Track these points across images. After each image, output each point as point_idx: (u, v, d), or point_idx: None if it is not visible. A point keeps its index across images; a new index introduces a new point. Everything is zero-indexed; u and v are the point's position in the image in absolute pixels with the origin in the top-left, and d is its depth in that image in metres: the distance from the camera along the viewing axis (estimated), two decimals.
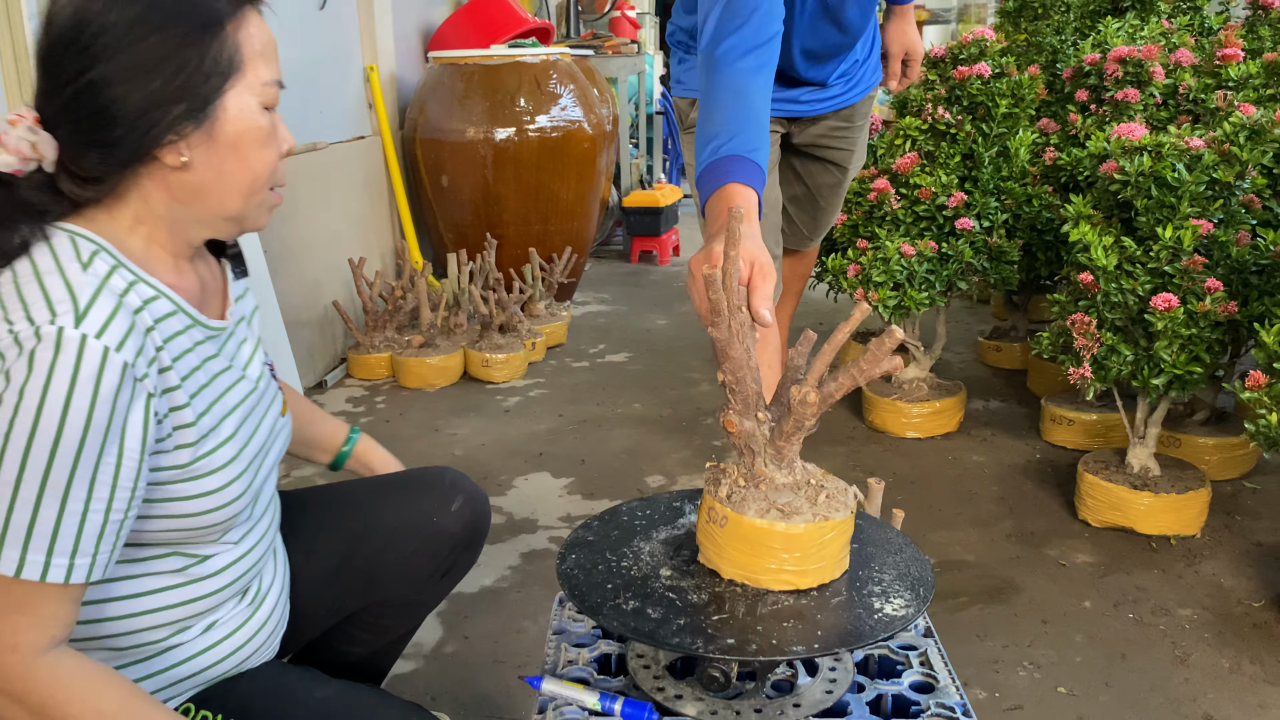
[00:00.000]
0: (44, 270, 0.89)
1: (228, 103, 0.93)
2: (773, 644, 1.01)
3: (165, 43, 0.90)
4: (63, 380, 0.83)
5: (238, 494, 1.01)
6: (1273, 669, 1.74)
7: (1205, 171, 1.95)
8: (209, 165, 0.94)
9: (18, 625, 0.86)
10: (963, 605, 1.96)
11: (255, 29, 0.96)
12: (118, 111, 0.89)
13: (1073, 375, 2.09)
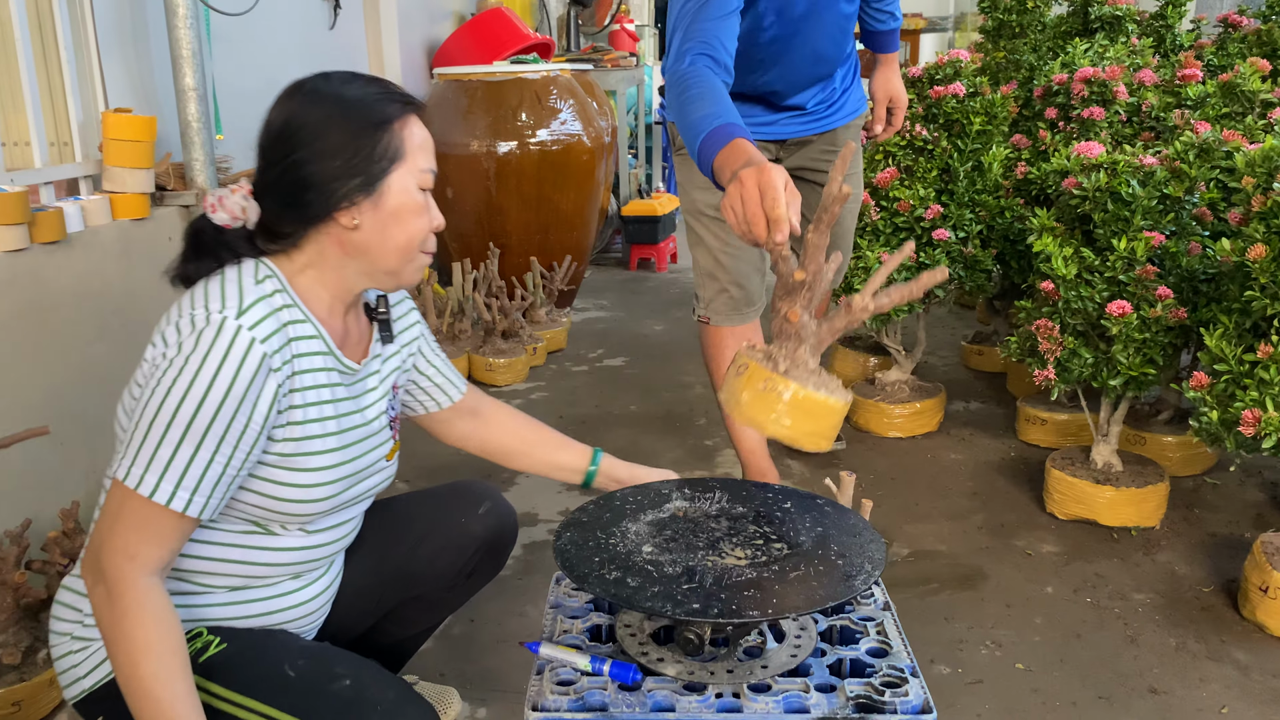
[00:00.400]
0: (227, 279, 1.18)
1: (392, 182, 1.21)
2: (733, 609, 1.15)
3: (347, 134, 1.19)
4: (217, 355, 1.11)
5: (318, 498, 1.25)
6: (1215, 647, 1.89)
7: (1157, 187, 2.10)
8: (374, 228, 1.22)
9: (142, 539, 1.11)
10: (933, 591, 2.10)
11: (416, 129, 1.24)
12: (310, 182, 1.19)
13: (1038, 377, 2.24)
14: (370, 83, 1.25)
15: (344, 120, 1.20)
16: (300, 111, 1.22)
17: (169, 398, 1.10)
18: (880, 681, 1.25)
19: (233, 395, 1.11)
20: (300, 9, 3.29)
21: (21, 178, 2.08)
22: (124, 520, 1.11)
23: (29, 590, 1.74)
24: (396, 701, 1.18)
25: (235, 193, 1.23)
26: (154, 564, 1.12)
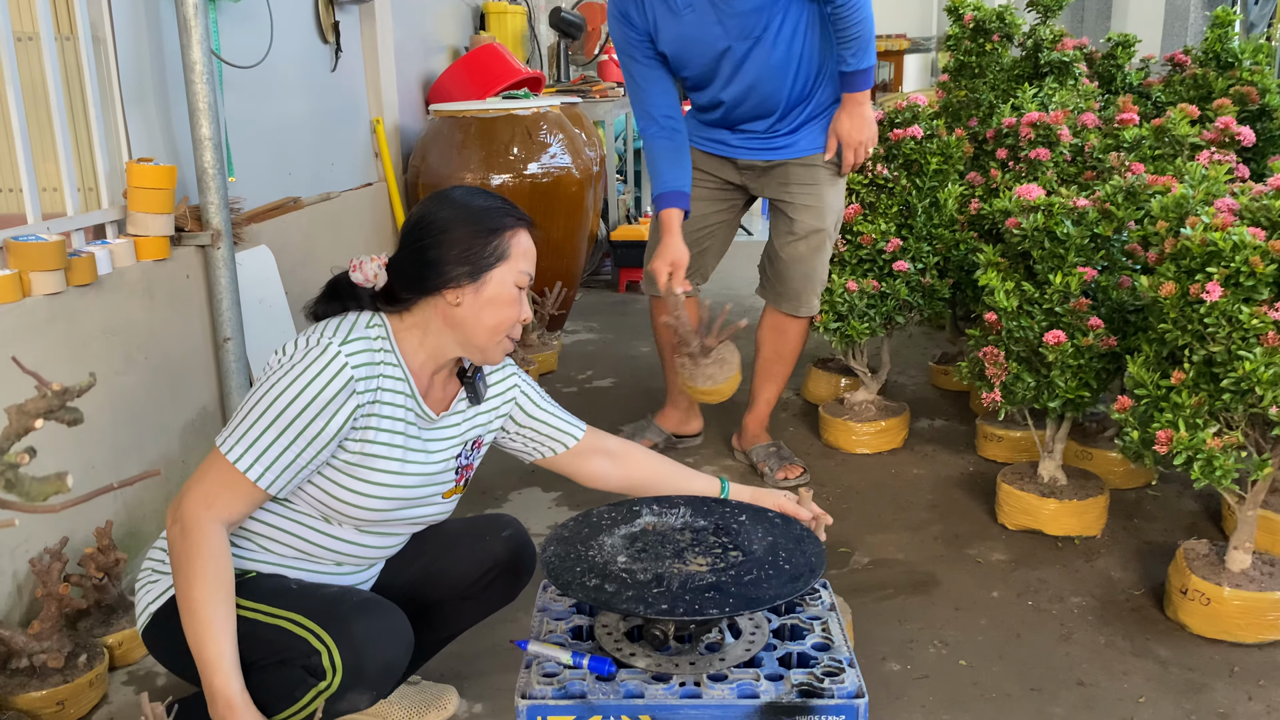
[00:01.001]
0: (345, 320, 1.53)
1: (493, 275, 1.52)
2: (695, 609, 1.36)
3: (468, 233, 1.51)
4: (316, 367, 1.43)
5: (371, 508, 1.53)
6: (1139, 644, 2.09)
7: (1089, 227, 2.31)
8: (472, 308, 1.52)
9: (219, 494, 1.41)
10: (889, 596, 2.30)
11: (524, 239, 1.56)
12: (431, 263, 1.51)
13: (986, 399, 2.45)
14: (494, 198, 1.58)
15: (468, 221, 1.52)
16: (436, 210, 1.54)
17: (270, 391, 1.42)
18: (821, 671, 1.45)
19: (318, 401, 1.42)
20: (304, 55, 3.50)
21: (56, 225, 2.28)
22: (210, 477, 1.42)
23: (70, 601, 1.94)
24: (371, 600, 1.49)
25: (374, 261, 1.54)
26: (224, 516, 1.41)
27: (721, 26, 2.49)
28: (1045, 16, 3.36)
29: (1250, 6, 5.85)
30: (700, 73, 2.60)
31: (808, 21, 2.53)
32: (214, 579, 1.38)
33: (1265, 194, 1.97)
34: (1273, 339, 1.83)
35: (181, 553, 1.39)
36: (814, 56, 2.58)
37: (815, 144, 2.67)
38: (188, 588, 1.37)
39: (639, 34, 2.58)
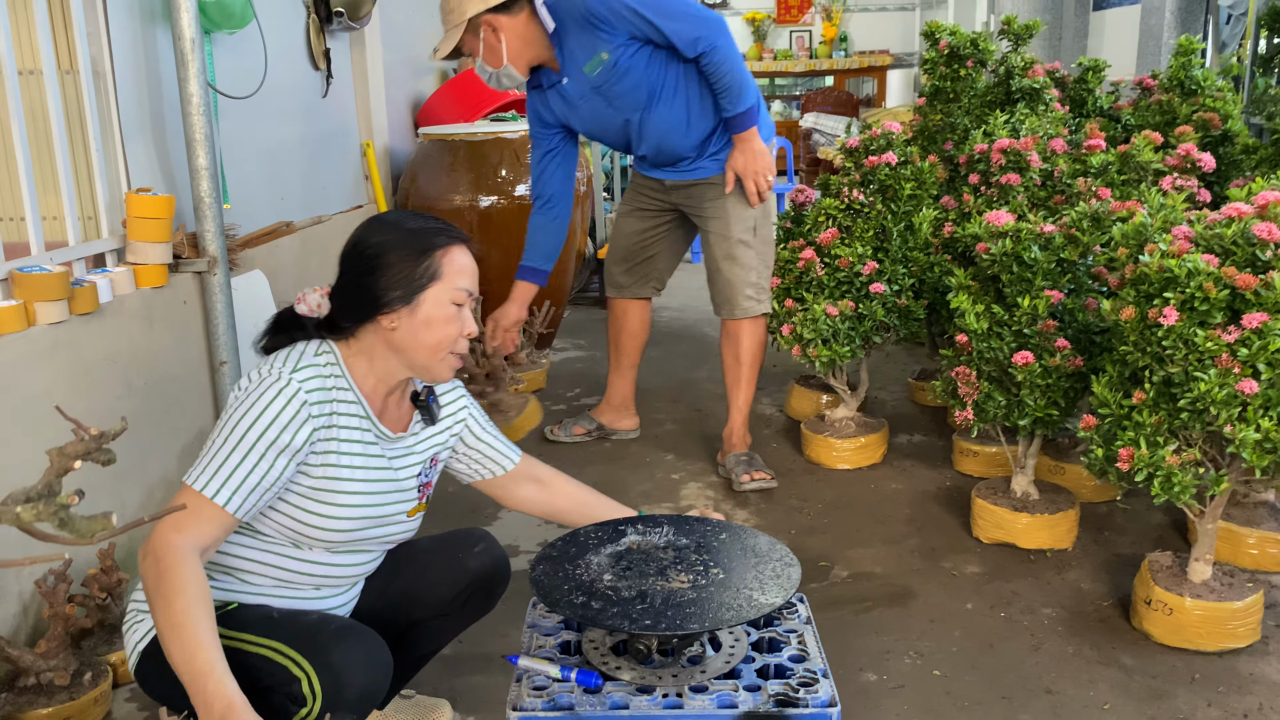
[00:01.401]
0: (295, 350, 1.58)
1: (427, 296, 1.56)
2: (676, 624, 1.44)
3: (398, 257, 1.56)
4: (271, 394, 1.49)
5: (339, 529, 1.58)
6: (1106, 652, 2.18)
7: (1055, 252, 2.41)
8: (408, 330, 1.57)
9: (190, 523, 1.43)
10: (867, 608, 2.39)
11: (458, 256, 1.60)
12: (365, 290, 1.56)
13: (959, 417, 2.54)
14: (428, 220, 1.63)
15: (397, 245, 1.57)
16: (367, 236, 1.61)
17: (229, 423, 1.48)
18: (797, 681, 1.53)
19: (276, 424, 1.47)
20: (296, 83, 3.59)
21: (58, 255, 2.36)
22: (177, 503, 1.42)
23: (76, 621, 2.00)
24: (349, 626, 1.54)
25: (317, 292, 1.60)
26: (194, 541, 1.43)
27: (613, 107, 2.90)
28: (1016, 44, 3.47)
29: (1222, 26, 5.99)
30: (616, 141, 3.06)
31: (686, 80, 2.86)
32: (193, 593, 1.38)
33: (1218, 222, 2.06)
34: (1226, 361, 1.93)
35: (156, 577, 1.38)
36: (704, 105, 2.91)
37: (718, 168, 3.00)
38: (167, 607, 1.36)
39: (549, 129, 3.04)
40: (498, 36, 2.80)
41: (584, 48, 2.80)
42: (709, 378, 4.15)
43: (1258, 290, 1.92)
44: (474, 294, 1.62)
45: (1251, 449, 1.92)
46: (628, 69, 2.80)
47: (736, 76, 2.79)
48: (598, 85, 2.84)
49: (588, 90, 2.87)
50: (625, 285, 3.35)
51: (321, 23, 3.73)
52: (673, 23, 2.73)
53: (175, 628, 1.36)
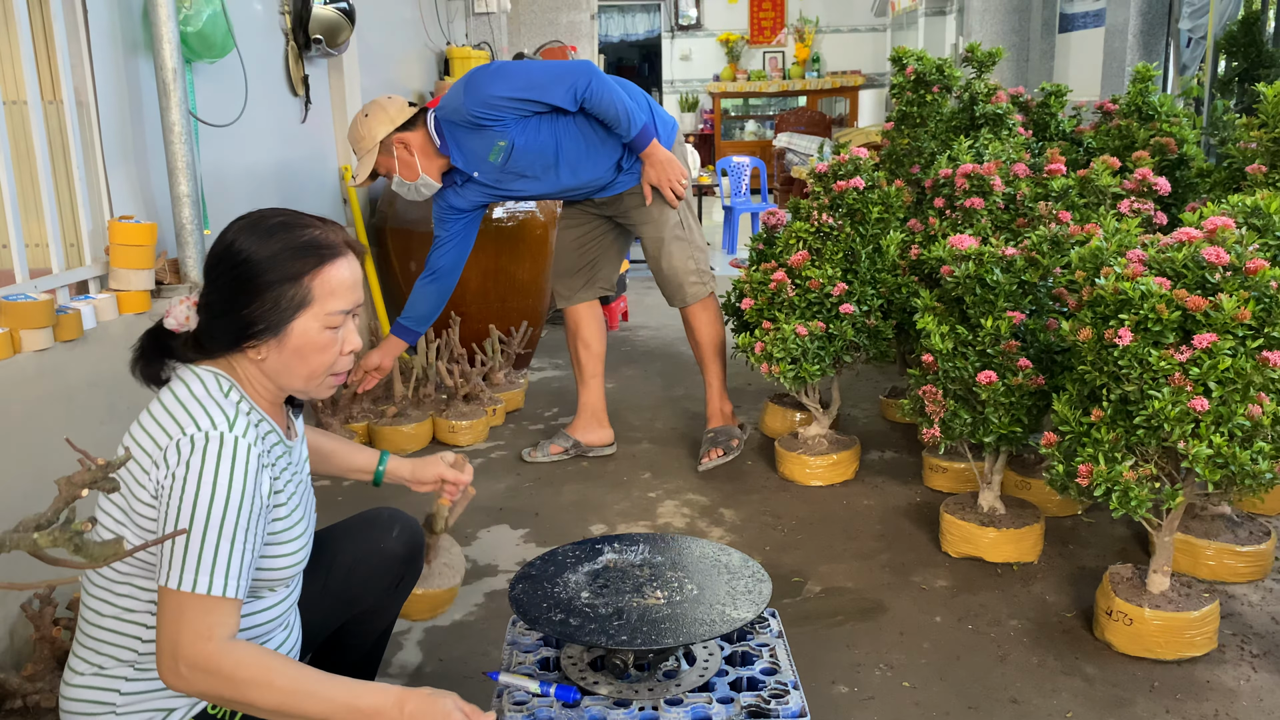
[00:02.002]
0: (199, 396, 1.41)
1: (295, 326, 1.43)
2: (651, 639, 1.49)
3: (257, 289, 1.42)
4: (226, 464, 1.34)
5: (303, 553, 1.53)
6: (1069, 662, 2.25)
7: (1016, 274, 2.49)
8: (278, 360, 1.45)
9: (209, 624, 1.32)
10: (839, 623, 2.45)
11: (331, 275, 1.45)
12: (225, 318, 1.43)
13: (926, 435, 2.61)
14: (301, 230, 1.44)
15: (263, 268, 1.41)
16: (233, 249, 1.43)
17: (197, 508, 1.32)
18: (768, 693, 1.59)
19: (246, 493, 1.35)
20: (275, 109, 3.64)
21: (42, 283, 2.39)
22: (190, 616, 1.32)
23: (62, 644, 2.03)
24: None
25: (183, 304, 1.46)
26: (226, 636, 1.34)
27: (530, 174, 3.15)
28: (980, 71, 3.57)
29: (1183, 50, 6.14)
30: (548, 191, 3.25)
31: (579, 124, 3.10)
32: (276, 665, 1.33)
33: (1170, 246, 2.15)
34: (1179, 380, 2.01)
35: (233, 688, 1.31)
36: (604, 135, 3.13)
37: (633, 180, 3.24)
38: (269, 693, 1.31)
39: (460, 214, 3.26)
40: (410, 151, 3.06)
41: (482, 143, 3.06)
42: (686, 395, 4.22)
43: (1207, 311, 2.00)
44: (354, 308, 1.48)
45: (1204, 464, 2.00)
46: (525, 144, 3.06)
47: (619, 107, 3.01)
48: (506, 167, 3.10)
49: (500, 174, 3.13)
50: (573, 292, 3.52)
51: (300, 50, 3.78)
52: (548, 90, 2.99)
53: (295, 698, 1.32)
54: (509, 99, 2.98)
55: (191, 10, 2.81)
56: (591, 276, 3.52)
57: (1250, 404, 1.98)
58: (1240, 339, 2.00)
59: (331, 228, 1.49)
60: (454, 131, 3.06)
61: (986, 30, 7.35)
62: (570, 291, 3.52)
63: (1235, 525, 2.62)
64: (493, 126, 3.01)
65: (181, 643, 1.31)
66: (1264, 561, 2.56)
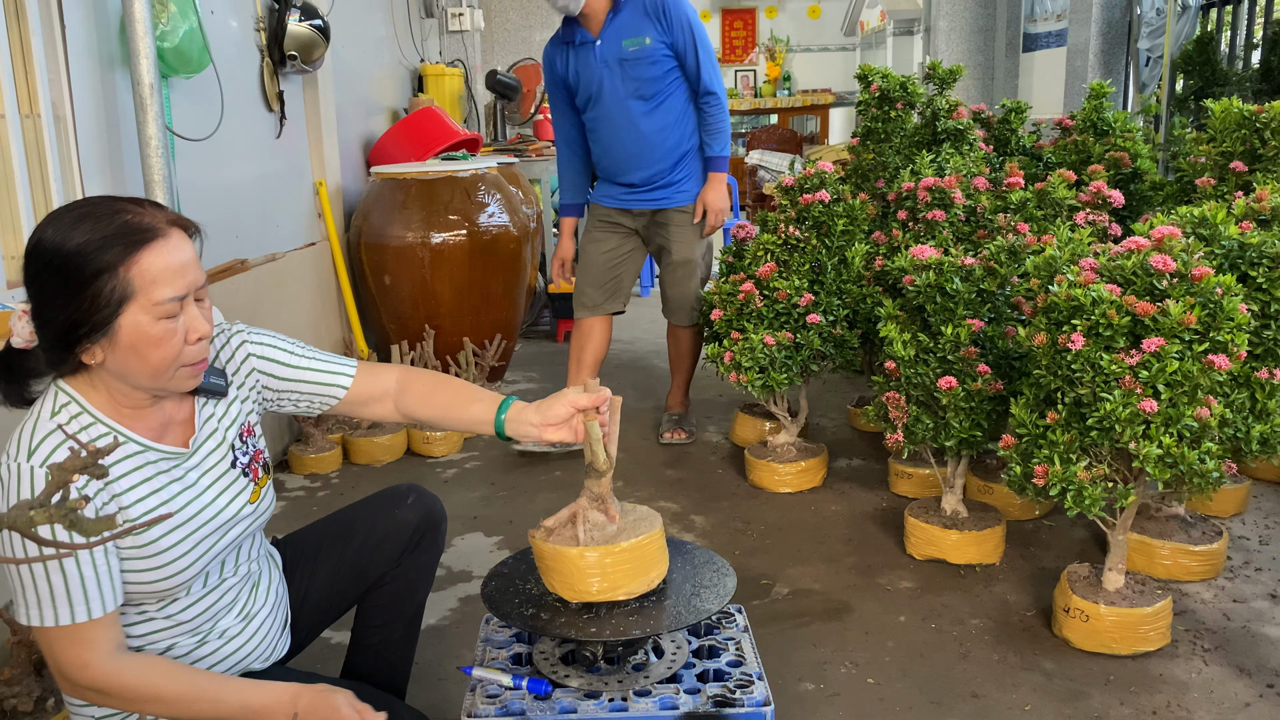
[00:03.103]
0: (28, 424, 1.35)
1: (123, 322, 1.30)
2: (619, 631, 1.54)
3: (69, 289, 1.29)
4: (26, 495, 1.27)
5: (183, 568, 1.43)
6: (1029, 658, 2.32)
7: (975, 283, 2.57)
8: (117, 361, 1.34)
9: (82, 649, 1.33)
10: (805, 623, 2.51)
11: (150, 261, 1.30)
12: (48, 329, 1.33)
13: (890, 440, 2.68)
14: (110, 218, 1.31)
15: (62, 277, 1.28)
16: (32, 264, 1.32)
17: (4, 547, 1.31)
18: (734, 684, 1.64)
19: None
20: (250, 125, 3.68)
21: (20, 294, 2.42)
22: (59, 647, 1.33)
23: (39, 648, 2.06)
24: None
25: (21, 319, 1.34)
26: (105, 655, 1.33)
27: (623, 85, 3.40)
28: (942, 88, 3.67)
29: (1141, 68, 6.30)
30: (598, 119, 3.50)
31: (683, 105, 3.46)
32: (162, 672, 1.36)
33: (1120, 255, 2.23)
34: (1129, 383, 2.09)
35: (128, 701, 1.34)
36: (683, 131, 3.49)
37: (684, 199, 3.57)
38: (158, 703, 1.34)
39: (557, 87, 3.57)
40: None
41: (633, 26, 3.33)
42: (657, 408, 4.27)
43: (1155, 316, 2.08)
44: (191, 291, 1.35)
45: (1154, 464, 2.08)
46: (655, 60, 3.33)
47: (725, 126, 3.48)
48: (625, 58, 3.35)
49: (613, 60, 3.37)
50: (598, 304, 3.72)
51: (275, 66, 3.83)
52: (707, 62, 3.38)
53: (187, 705, 1.36)
54: (690, 29, 3.32)
55: (168, 26, 2.85)
56: (615, 290, 3.73)
57: (1198, 406, 2.06)
58: (1187, 343, 2.08)
59: (149, 209, 1.35)
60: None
61: (953, 49, 7.49)
62: (595, 303, 3.71)
63: (1189, 526, 2.70)
64: (658, 24, 3.31)
65: (64, 673, 1.35)
66: (1216, 560, 2.65)
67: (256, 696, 1.40)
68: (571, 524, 1.65)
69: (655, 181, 3.52)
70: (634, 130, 3.43)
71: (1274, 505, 3.10)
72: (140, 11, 2.66)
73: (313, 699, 1.40)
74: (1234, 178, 2.87)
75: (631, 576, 1.59)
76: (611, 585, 1.58)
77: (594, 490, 1.64)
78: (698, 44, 3.35)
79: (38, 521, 0.74)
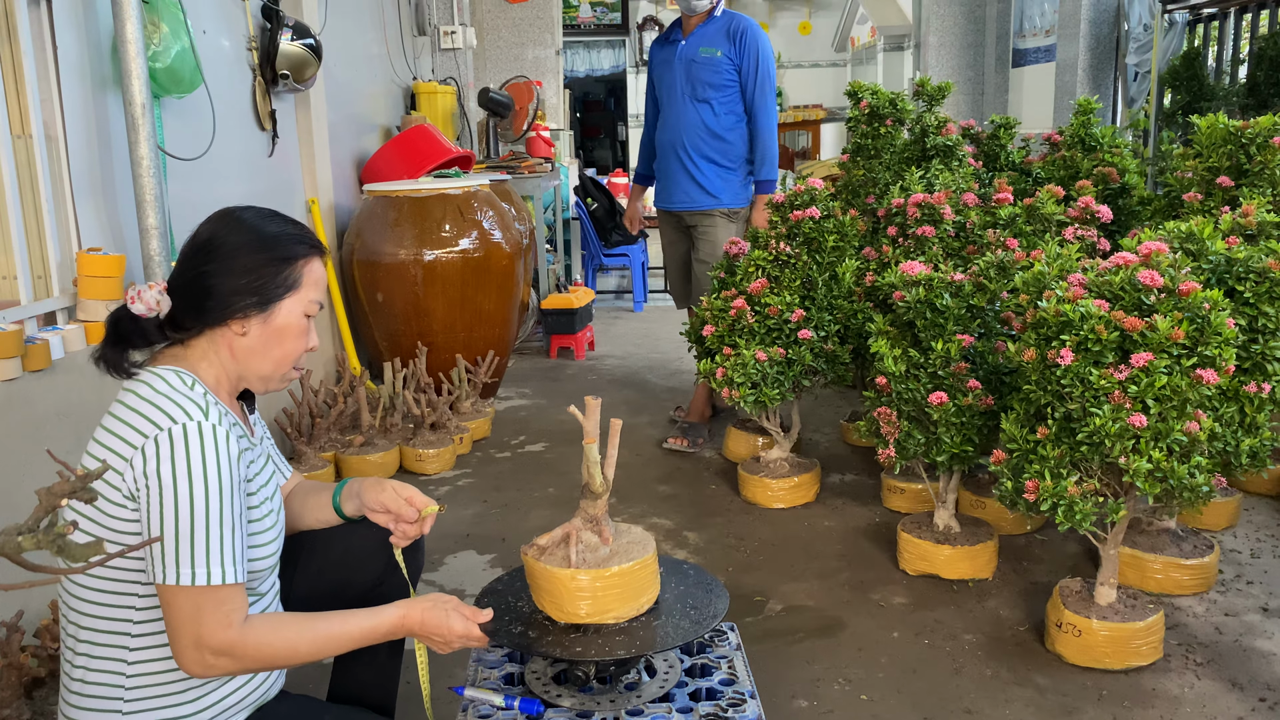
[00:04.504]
0: (165, 392, 1.42)
1: (283, 306, 1.49)
2: (607, 650, 1.54)
3: (256, 262, 1.47)
4: (210, 452, 1.37)
5: (276, 549, 1.54)
6: (1021, 674, 2.32)
7: (965, 299, 2.58)
8: (259, 339, 1.49)
9: (229, 612, 1.38)
10: (799, 639, 2.50)
11: (317, 268, 1.54)
12: (214, 292, 1.46)
13: (881, 455, 2.69)
14: (288, 223, 1.54)
15: (257, 248, 1.48)
16: (223, 234, 1.49)
17: (193, 501, 1.34)
18: (726, 702, 1.64)
19: (233, 479, 1.38)
20: (242, 143, 3.68)
21: (11, 314, 2.42)
22: (207, 610, 1.37)
23: (29, 670, 2.04)
24: None
25: (153, 289, 1.47)
26: (241, 619, 1.40)
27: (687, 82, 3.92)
28: (931, 104, 3.69)
29: (1130, 83, 6.34)
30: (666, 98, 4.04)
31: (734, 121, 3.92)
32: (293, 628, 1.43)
33: (1109, 270, 2.25)
34: (1118, 397, 2.09)
35: (264, 659, 1.40)
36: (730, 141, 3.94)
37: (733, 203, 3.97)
38: (293, 655, 1.42)
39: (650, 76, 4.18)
40: None
41: (713, 39, 3.88)
42: (650, 423, 4.28)
43: (1143, 332, 2.09)
44: (323, 306, 1.56)
45: (1144, 478, 2.08)
46: (717, 69, 3.85)
47: (771, 155, 3.91)
48: (697, 60, 3.88)
49: (688, 59, 3.90)
50: (685, 295, 4.29)
51: (267, 85, 3.84)
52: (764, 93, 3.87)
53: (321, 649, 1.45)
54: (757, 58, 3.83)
55: (160, 46, 2.86)
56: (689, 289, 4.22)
57: (1187, 420, 2.07)
58: (1175, 358, 2.09)
59: (305, 228, 1.57)
60: (725, 15, 3.91)
61: (942, 65, 7.54)
62: (686, 290, 4.26)
63: (1180, 540, 2.71)
64: (732, 45, 3.84)
65: (204, 635, 1.36)
66: (1208, 574, 2.65)
67: (372, 621, 1.49)
68: (564, 544, 1.65)
69: (696, 186, 3.96)
70: (680, 120, 3.93)
71: (1265, 518, 3.11)
72: (132, 32, 2.67)
73: (425, 611, 1.51)
74: (1221, 193, 2.89)
75: (621, 601, 1.60)
76: (600, 609, 1.59)
77: (589, 511, 1.65)
78: (760, 75, 3.83)
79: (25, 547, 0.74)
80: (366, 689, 1.82)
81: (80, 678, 1.46)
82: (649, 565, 1.63)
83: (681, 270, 4.25)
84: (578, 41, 12.86)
